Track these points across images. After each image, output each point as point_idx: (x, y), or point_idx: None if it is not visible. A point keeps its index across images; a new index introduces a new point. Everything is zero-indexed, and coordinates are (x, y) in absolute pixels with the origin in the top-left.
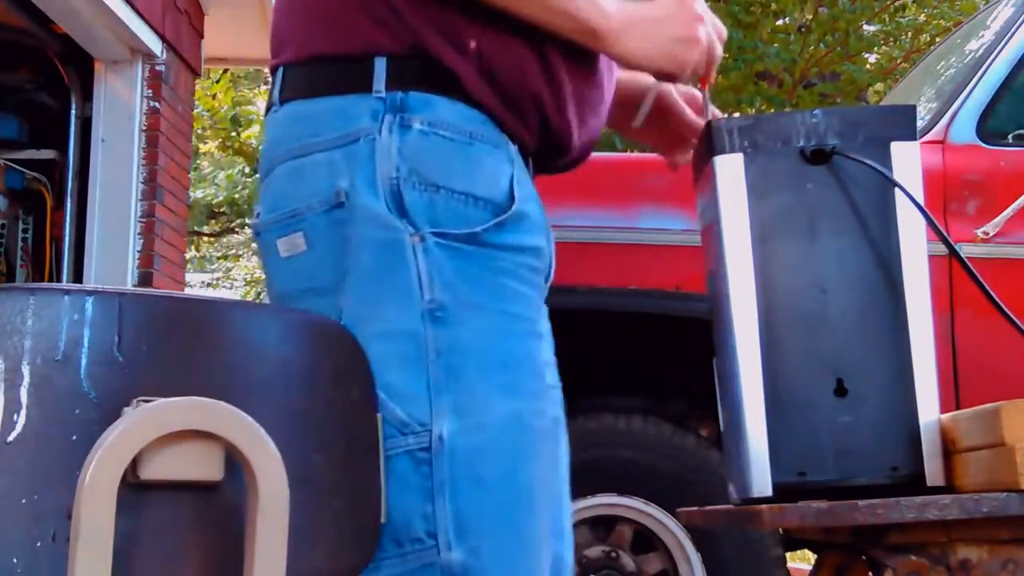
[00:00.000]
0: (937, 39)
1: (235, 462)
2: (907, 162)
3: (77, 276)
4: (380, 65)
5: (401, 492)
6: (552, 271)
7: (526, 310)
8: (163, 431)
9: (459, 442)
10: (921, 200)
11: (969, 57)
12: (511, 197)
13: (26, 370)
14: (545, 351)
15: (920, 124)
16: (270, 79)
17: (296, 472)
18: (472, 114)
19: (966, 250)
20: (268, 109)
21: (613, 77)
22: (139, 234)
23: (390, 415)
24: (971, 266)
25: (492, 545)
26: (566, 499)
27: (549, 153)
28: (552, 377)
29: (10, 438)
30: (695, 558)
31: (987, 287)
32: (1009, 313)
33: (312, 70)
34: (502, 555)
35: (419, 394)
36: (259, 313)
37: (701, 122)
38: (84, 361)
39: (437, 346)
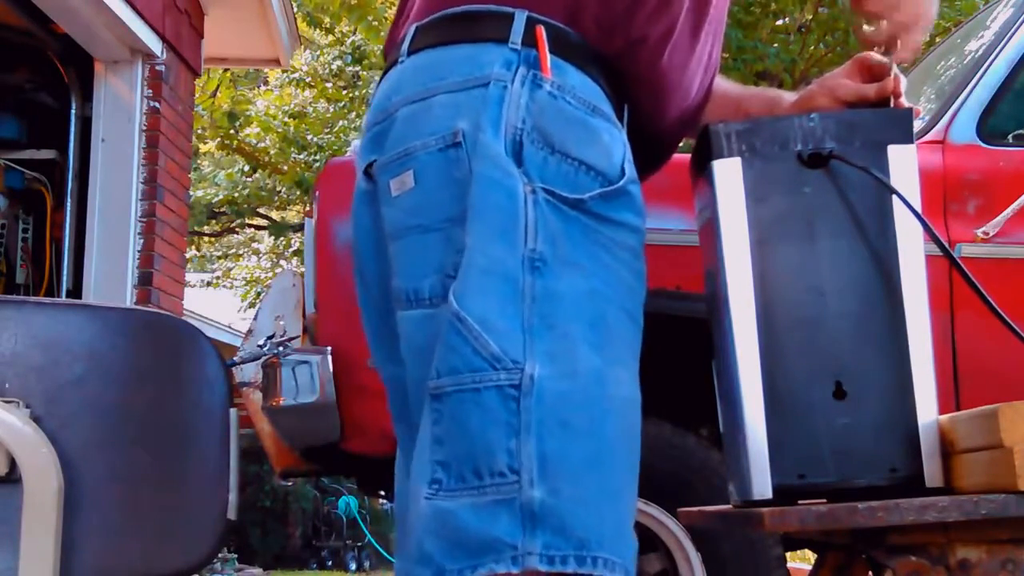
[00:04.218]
0: (937, 39)
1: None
2: (904, 165)
3: (77, 276)
4: (520, 18)
5: (486, 425)
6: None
7: (615, 283)
8: None
9: (549, 386)
10: (918, 204)
11: (969, 57)
12: (622, 173)
13: None
14: (635, 333)
15: (920, 124)
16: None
17: (111, 467)
18: (597, 91)
19: (966, 250)
20: (391, 67)
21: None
22: (139, 234)
23: (483, 347)
24: (969, 273)
25: (573, 488)
26: None
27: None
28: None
29: None
30: (695, 558)
31: (985, 294)
32: (1007, 319)
33: (444, 24)
34: (582, 499)
35: (515, 333)
36: (73, 313)
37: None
38: None
39: (533, 293)
